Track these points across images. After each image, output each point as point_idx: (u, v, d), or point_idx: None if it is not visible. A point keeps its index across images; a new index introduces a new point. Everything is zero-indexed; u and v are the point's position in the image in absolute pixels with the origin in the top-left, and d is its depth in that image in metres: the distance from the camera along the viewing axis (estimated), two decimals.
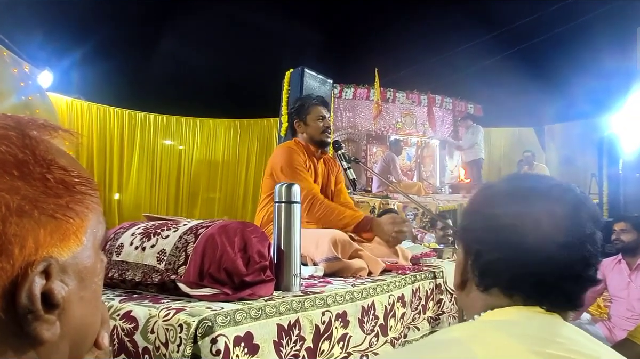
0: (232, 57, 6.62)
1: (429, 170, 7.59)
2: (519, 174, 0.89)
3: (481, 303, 0.64)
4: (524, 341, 0.53)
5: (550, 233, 0.59)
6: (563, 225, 0.60)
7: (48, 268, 0.34)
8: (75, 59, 5.84)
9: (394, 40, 7.06)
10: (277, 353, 0.93)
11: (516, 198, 0.64)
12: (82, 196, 0.37)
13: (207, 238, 1.00)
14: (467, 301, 0.68)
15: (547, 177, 0.69)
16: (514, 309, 0.61)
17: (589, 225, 0.61)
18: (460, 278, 0.69)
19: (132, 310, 0.92)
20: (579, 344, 0.55)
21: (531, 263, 0.59)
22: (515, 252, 0.60)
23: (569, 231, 0.59)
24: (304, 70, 4.06)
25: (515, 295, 0.61)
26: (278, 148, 1.96)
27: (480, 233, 0.65)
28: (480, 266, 0.64)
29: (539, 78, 6.05)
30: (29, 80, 4.94)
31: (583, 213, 0.61)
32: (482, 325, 0.60)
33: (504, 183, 0.69)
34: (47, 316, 0.34)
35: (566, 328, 0.58)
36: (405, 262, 1.70)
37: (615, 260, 2.61)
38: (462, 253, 0.69)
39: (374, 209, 4.63)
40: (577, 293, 0.61)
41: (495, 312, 0.61)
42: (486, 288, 0.64)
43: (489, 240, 0.63)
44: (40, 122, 0.40)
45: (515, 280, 0.61)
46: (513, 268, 0.61)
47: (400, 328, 1.40)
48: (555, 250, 0.59)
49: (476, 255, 0.65)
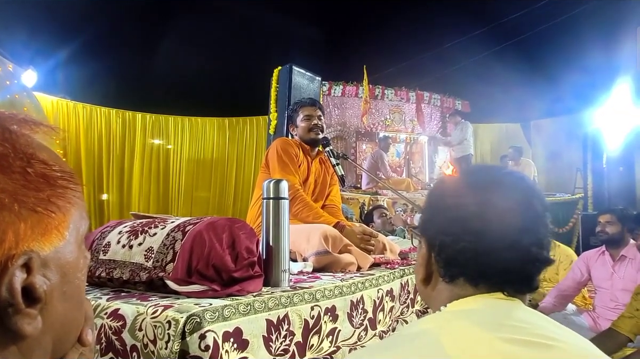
0: (221, 55, 6.57)
1: (418, 166, 7.64)
2: (472, 166, 0.93)
3: (447, 294, 0.65)
4: (489, 329, 0.55)
5: (509, 219, 0.61)
6: (518, 210, 0.62)
7: (29, 262, 0.34)
8: (60, 58, 5.74)
9: (382, 37, 7.08)
10: (266, 348, 0.94)
11: (476, 187, 0.65)
12: (64, 190, 0.37)
13: (194, 235, 1.00)
14: (432, 295, 0.69)
15: (497, 166, 0.71)
16: (478, 298, 0.62)
17: (539, 208, 0.63)
18: (424, 272, 0.70)
19: (119, 308, 0.91)
20: (539, 328, 0.56)
21: (496, 249, 0.61)
22: (480, 240, 0.62)
23: (524, 217, 0.62)
24: (292, 67, 4.05)
25: (480, 284, 0.63)
26: (276, 140, 2.00)
27: (444, 224, 0.66)
28: (446, 257, 0.65)
29: (525, 74, 6.12)
30: (14, 79, 4.85)
31: (534, 198, 0.64)
32: (448, 316, 0.61)
33: (461, 176, 0.71)
34: (28, 310, 0.34)
35: (525, 312, 0.60)
36: (394, 257, 1.71)
37: (599, 252, 2.66)
38: (425, 247, 0.69)
39: (364, 205, 4.66)
40: (534, 276, 0.64)
41: (460, 302, 0.63)
42: (452, 278, 0.65)
43: (453, 230, 0.64)
44: (21, 117, 0.40)
45: (480, 268, 0.62)
46: (479, 256, 0.62)
47: (389, 321, 1.41)
48: (515, 235, 0.61)
49: (441, 247, 0.66)
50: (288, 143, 1.93)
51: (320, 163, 2.05)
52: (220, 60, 6.53)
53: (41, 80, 5.51)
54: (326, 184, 2.05)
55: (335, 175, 2.06)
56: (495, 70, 5.98)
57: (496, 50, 6.59)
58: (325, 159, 2.07)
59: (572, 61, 6.04)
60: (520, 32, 6.54)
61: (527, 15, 6.32)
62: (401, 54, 7.06)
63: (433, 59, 6.91)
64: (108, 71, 6.15)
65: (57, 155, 0.40)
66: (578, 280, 2.71)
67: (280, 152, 1.87)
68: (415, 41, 6.71)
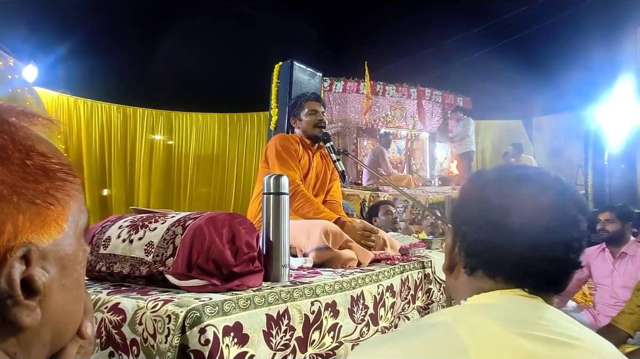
0: (222, 51, 6.56)
1: (419, 162, 7.63)
2: (512, 165, 0.93)
3: (468, 286, 0.66)
4: (507, 324, 0.55)
5: (532, 215, 0.61)
6: (545, 208, 0.61)
7: (28, 254, 0.33)
8: (61, 53, 5.73)
9: (383, 33, 7.05)
10: (267, 343, 0.94)
11: (504, 182, 0.66)
12: (63, 183, 0.37)
13: (195, 230, 0.99)
14: (455, 285, 0.70)
15: (537, 167, 0.71)
16: (498, 293, 0.62)
17: (573, 210, 0.62)
18: (449, 261, 0.71)
19: (119, 302, 0.91)
20: (560, 326, 0.56)
21: (512, 244, 0.61)
22: (498, 233, 0.62)
23: (551, 215, 0.61)
24: (293, 63, 4.04)
25: (497, 277, 0.63)
26: (275, 136, 1.99)
27: (468, 214, 0.67)
28: (466, 247, 0.66)
29: (527, 71, 6.10)
30: (15, 74, 4.85)
31: (567, 199, 0.63)
32: (468, 309, 0.62)
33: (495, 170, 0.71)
34: (27, 302, 0.34)
35: (548, 311, 0.59)
36: (394, 253, 1.71)
37: (600, 249, 2.66)
38: (451, 236, 0.71)
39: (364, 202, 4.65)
40: (559, 277, 0.63)
41: (480, 296, 0.63)
42: (472, 270, 0.66)
43: (475, 220, 0.65)
44: (20, 109, 0.40)
45: (496, 260, 0.63)
46: (495, 249, 0.62)
47: (391, 317, 1.41)
48: (535, 232, 0.60)
49: (463, 236, 0.67)
50: (287, 139, 1.93)
51: (321, 157, 2.05)
52: (221, 55, 6.51)
53: (42, 75, 5.51)
54: (327, 179, 2.05)
55: (335, 170, 2.06)
56: (497, 66, 5.96)
57: (498, 47, 6.57)
58: (326, 154, 2.07)
59: (574, 58, 6.02)
60: (522, 28, 6.51)
61: (529, 12, 6.29)
62: (403, 50, 7.04)
63: (434, 55, 6.89)
64: (109, 66, 6.14)
65: (56, 147, 0.40)
66: (578, 277, 2.71)
67: (279, 148, 1.87)
68: (416, 37, 6.69)
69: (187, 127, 7.27)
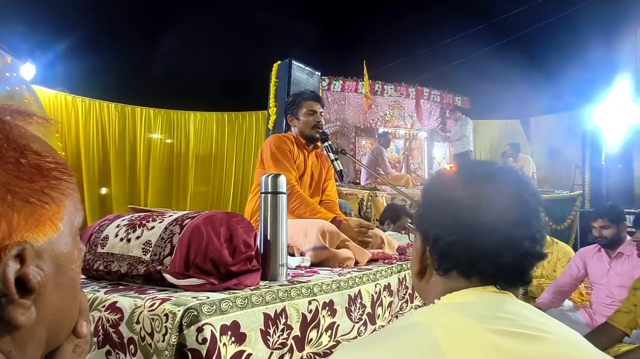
0: (220, 50, 6.55)
1: (417, 162, 7.63)
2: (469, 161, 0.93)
3: (440, 287, 0.66)
4: (480, 321, 0.55)
5: (501, 212, 0.62)
6: (510, 203, 0.62)
7: (22, 253, 0.33)
8: (59, 51, 5.72)
9: (382, 33, 7.06)
10: (264, 342, 0.94)
11: (470, 181, 0.66)
12: (58, 181, 0.37)
13: (192, 229, 0.99)
14: (426, 288, 0.70)
15: (490, 161, 0.71)
16: (471, 291, 0.63)
17: (532, 202, 0.64)
18: (419, 265, 0.70)
19: (117, 301, 0.91)
20: (530, 320, 0.57)
21: (487, 242, 0.61)
22: (472, 233, 0.62)
23: (516, 210, 0.62)
24: (291, 62, 4.04)
25: (472, 276, 0.63)
26: (269, 137, 1.98)
27: (438, 217, 0.66)
28: (440, 250, 0.66)
29: (525, 71, 6.11)
30: (12, 72, 4.83)
31: (526, 192, 0.64)
32: (441, 308, 0.62)
33: (457, 170, 0.71)
34: (21, 300, 0.34)
35: (518, 306, 0.60)
36: (392, 252, 1.72)
37: (596, 248, 2.66)
38: (420, 240, 0.70)
39: (362, 201, 4.66)
40: (526, 270, 0.64)
41: (453, 295, 0.63)
42: (445, 271, 0.66)
43: (447, 223, 0.65)
44: (14, 108, 0.40)
45: (473, 260, 0.63)
46: (471, 249, 0.63)
47: (389, 316, 1.41)
48: (507, 228, 0.61)
49: (435, 239, 0.66)
50: (281, 140, 1.91)
51: (316, 157, 2.04)
52: (220, 54, 6.51)
53: (40, 73, 5.49)
54: (322, 179, 2.04)
55: (330, 169, 2.05)
56: (495, 66, 5.97)
57: (496, 47, 6.58)
58: (321, 153, 2.07)
59: (572, 58, 6.03)
60: (521, 28, 6.52)
61: (527, 12, 6.30)
62: (401, 49, 7.04)
63: (433, 54, 6.89)
64: (107, 65, 6.12)
65: (51, 146, 0.39)
66: (575, 276, 2.71)
67: (274, 149, 1.86)
68: (415, 37, 6.69)
69: (186, 126, 7.26)
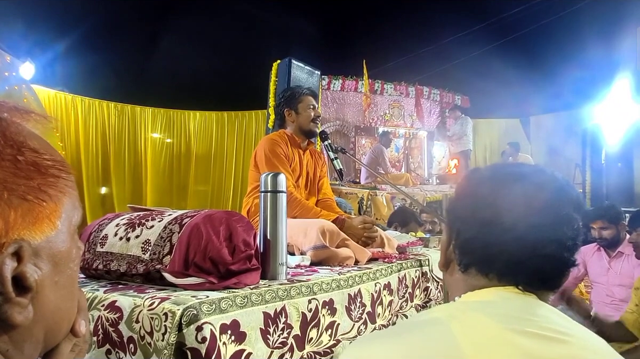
0: (220, 49, 6.54)
1: (417, 161, 7.63)
2: (509, 163, 0.93)
3: (462, 284, 0.67)
4: (500, 320, 0.55)
5: (523, 213, 0.61)
6: (538, 206, 0.61)
7: (19, 251, 0.33)
8: (59, 51, 5.71)
9: (382, 32, 7.05)
10: (264, 341, 0.94)
11: (498, 180, 0.66)
12: (55, 179, 0.37)
13: (192, 228, 0.99)
14: (451, 282, 0.71)
15: (534, 165, 0.71)
16: (492, 290, 0.62)
17: (567, 209, 0.62)
18: (444, 258, 0.72)
19: (116, 300, 0.91)
20: (552, 322, 0.56)
21: (503, 240, 0.61)
22: (488, 229, 0.62)
23: (543, 214, 0.61)
24: (291, 61, 4.03)
25: (490, 274, 0.63)
26: (262, 140, 1.95)
27: (462, 212, 0.67)
28: (460, 245, 0.67)
29: (525, 70, 6.11)
30: (12, 71, 4.83)
31: (562, 198, 0.63)
32: (461, 306, 0.62)
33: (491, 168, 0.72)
34: (18, 299, 0.33)
35: (541, 308, 0.60)
36: (392, 251, 1.71)
37: (595, 247, 2.66)
38: (447, 233, 0.71)
39: (362, 200, 4.66)
40: (552, 274, 0.63)
41: (474, 294, 0.63)
42: (465, 267, 0.66)
43: (467, 218, 0.65)
44: (12, 105, 0.39)
45: (488, 257, 0.63)
46: (486, 246, 0.63)
47: (389, 315, 1.41)
48: (527, 230, 0.60)
49: (457, 233, 0.67)
50: (275, 143, 1.86)
51: (310, 155, 2.02)
52: (220, 53, 6.50)
53: (39, 73, 5.48)
54: (317, 177, 2.02)
55: (324, 166, 2.05)
56: (495, 65, 5.96)
57: (496, 46, 6.57)
58: (314, 150, 2.05)
59: (572, 57, 6.03)
60: (520, 27, 6.52)
61: (527, 11, 6.30)
62: (401, 48, 7.04)
63: (433, 53, 6.89)
64: (107, 64, 6.12)
65: (49, 143, 0.39)
66: (574, 275, 2.71)
67: (269, 154, 1.81)
68: (414, 36, 6.68)
69: (186, 125, 7.26)
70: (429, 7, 6.47)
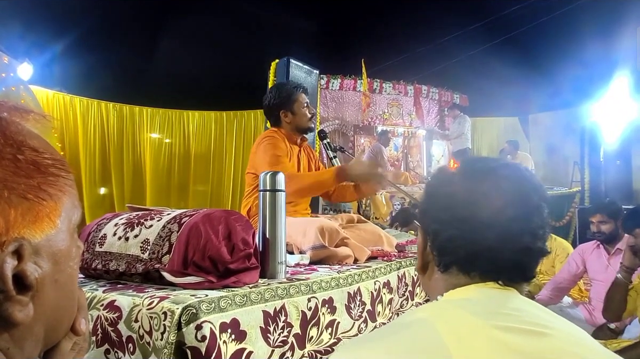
0: (218, 49, 6.54)
1: (416, 160, 7.64)
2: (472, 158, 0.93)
3: (442, 283, 0.66)
4: (484, 317, 0.55)
5: (499, 207, 0.62)
6: (510, 199, 0.62)
7: (20, 249, 0.33)
8: (57, 51, 5.70)
9: (380, 31, 7.05)
10: (264, 339, 0.94)
11: (468, 177, 0.66)
12: (55, 178, 0.37)
13: (190, 227, 0.99)
14: (429, 284, 0.70)
15: (493, 158, 0.71)
16: (473, 287, 0.63)
17: (534, 198, 0.63)
18: (421, 260, 0.71)
19: (115, 300, 0.91)
20: (534, 316, 0.57)
21: (485, 237, 0.61)
22: (469, 227, 0.62)
23: (515, 205, 0.62)
24: (289, 60, 4.03)
25: (472, 272, 0.63)
26: (259, 138, 1.94)
27: (437, 212, 0.67)
28: (439, 245, 0.66)
29: (523, 68, 6.12)
30: (10, 72, 4.82)
31: (527, 187, 0.64)
32: (444, 304, 0.62)
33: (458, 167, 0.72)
34: (19, 297, 0.34)
35: (521, 302, 0.60)
36: (391, 249, 1.72)
37: (594, 245, 2.66)
38: (422, 235, 0.71)
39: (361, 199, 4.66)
40: (528, 266, 0.64)
41: (456, 291, 0.63)
42: (445, 267, 0.66)
43: (445, 218, 0.65)
44: (11, 105, 0.39)
45: (471, 255, 0.63)
46: (469, 244, 0.63)
47: (389, 313, 1.41)
48: (505, 224, 0.61)
49: (434, 235, 0.67)
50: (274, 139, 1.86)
51: (304, 152, 2.03)
52: (218, 53, 6.49)
53: (37, 73, 5.47)
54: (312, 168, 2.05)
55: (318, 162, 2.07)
56: (494, 64, 5.97)
57: (495, 44, 6.58)
58: (307, 146, 2.06)
59: (570, 55, 6.04)
60: (519, 26, 6.52)
61: (525, 9, 6.30)
62: (399, 47, 7.04)
63: (431, 52, 6.89)
64: (105, 64, 6.11)
65: (48, 143, 0.39)
66: (574, 273, 2.72)
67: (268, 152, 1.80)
68: (413, 35, 6.68)
69: (184, 125, 7.26)
70: (427, 6, 6.47)
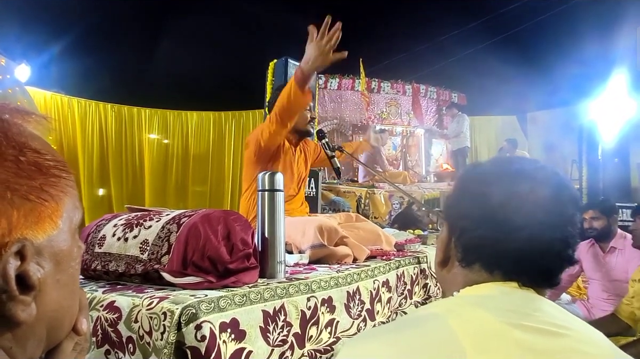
0: (216, 49, 6.53)
1: (414, 159, 7.64)
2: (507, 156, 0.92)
3: (462, 278, 0.66)
4: (499, 315, 0.55)
5: (533, 212, 0.61)
6: (546, 205, 0.61)
7: (22, 250, 0.34)
8: (54, 52, 5.69)
9: (378, 30, 7.05)
10: (264, 339, 0.94)
11: (504, 177, 0.65)
12: (57, 179, 0.37)
13: (190, 227, 1.00)
14: (447, 278, 0.70)
15: (533, 159, 0.70)
16: (492, 285, 0.62)
17: (570, 207, 0.63)
18: (442, 255, 0.70)
19: (115, 300, 0.92)
20: (551, 317, 0.57)
21: (513, 240, 0.61)
22: (499, 229, 0.62)
23: (551, 212, 0.61)
24: (288, 60, 4.03)
25: (495, 271, 0.63)
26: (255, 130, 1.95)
27: (467, 210, 0.66)
28: (465, 242, 0.66)
29: (521, 67, 6.12)
30: (6, 74, 4.81)
31: (565, 196, 0.63)
32: (460, 300, 0.62)
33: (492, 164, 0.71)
34: (22, 297, 0.34)
35: (540, 302, 0.60)
36: (390, 248, 1.72)
37: (589, 244, 2.67)
38: (446, 230, 0.70)
39: (361, 198, 4.66)
40: (555, 272, 0.63)
41: (473, 288, 0.63)
42: (468, 264, 0.65)
43: (475, 217, 0.64)
44: (13, 106, 0.40)
45: (497, 256, 0.63)
46: (496, 245, 0.62)
47: (388, 312, 1.42)
48: (537, 229, 0.60)
49: (461, 231, 0.66)
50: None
51: (300, 151, 2.04)
52: (216, 53, 6.48)
53: (35, 75, 5.45)
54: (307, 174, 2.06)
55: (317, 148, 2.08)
56: (492, 62, 5.97)
57: (492, 43, 6.58)
58: (304, 144, 2.07)
59: (568, 53, 6.04)
60: (517, 24, 6.53)
61: (523, 8, 6.31)
62: (397, 46, 7.04)
63: (429, 51, 6.89)
64: (103, 65, 6.09)
65: (49, 144, 0.40)
66: (569, 272, 2.72)
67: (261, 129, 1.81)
68: (411, 34, 6.69)
69: (183, 126, 7.26)
70: (425, 5, 6.47)
